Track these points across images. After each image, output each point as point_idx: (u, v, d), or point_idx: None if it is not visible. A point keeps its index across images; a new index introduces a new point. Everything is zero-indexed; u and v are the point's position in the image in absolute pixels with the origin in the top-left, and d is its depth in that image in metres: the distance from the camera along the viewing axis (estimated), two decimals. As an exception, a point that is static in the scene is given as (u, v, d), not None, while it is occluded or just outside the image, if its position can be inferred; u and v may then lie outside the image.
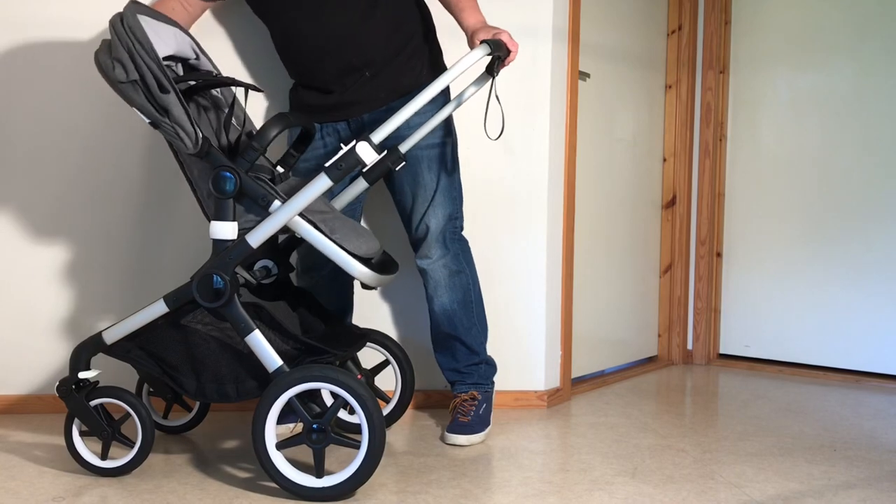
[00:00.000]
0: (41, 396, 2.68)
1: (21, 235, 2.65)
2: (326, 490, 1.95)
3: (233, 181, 1.98)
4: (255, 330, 2.00)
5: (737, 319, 3.58)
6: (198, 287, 2.01)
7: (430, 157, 2.40)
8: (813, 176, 3.39)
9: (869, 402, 3.00)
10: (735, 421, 2.72)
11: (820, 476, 2.20)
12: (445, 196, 2.43)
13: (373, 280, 2.02)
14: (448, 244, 2.45)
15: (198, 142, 1.96)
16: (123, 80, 1.95)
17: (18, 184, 2.65)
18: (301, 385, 1.95)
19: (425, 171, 2.40)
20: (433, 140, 2.38)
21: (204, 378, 2.07)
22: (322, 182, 1.97)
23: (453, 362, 2.53)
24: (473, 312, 2.52)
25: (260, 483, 2.09)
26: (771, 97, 3.48)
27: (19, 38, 2.61)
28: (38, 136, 2.64)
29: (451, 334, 2.50)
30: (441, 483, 2.11)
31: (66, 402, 2.11)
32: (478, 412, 2.47)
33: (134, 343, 2.11)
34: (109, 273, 2.68)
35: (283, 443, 1.98)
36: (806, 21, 3.39)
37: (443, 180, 2.42)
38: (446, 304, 2.48)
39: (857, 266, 3.29)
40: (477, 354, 2.53)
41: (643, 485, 2.12)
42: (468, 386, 2.53)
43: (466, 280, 2.49)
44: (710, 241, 3.58)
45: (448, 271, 2.46)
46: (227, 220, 2.01)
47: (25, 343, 2.67)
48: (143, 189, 2.68)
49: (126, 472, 2.12)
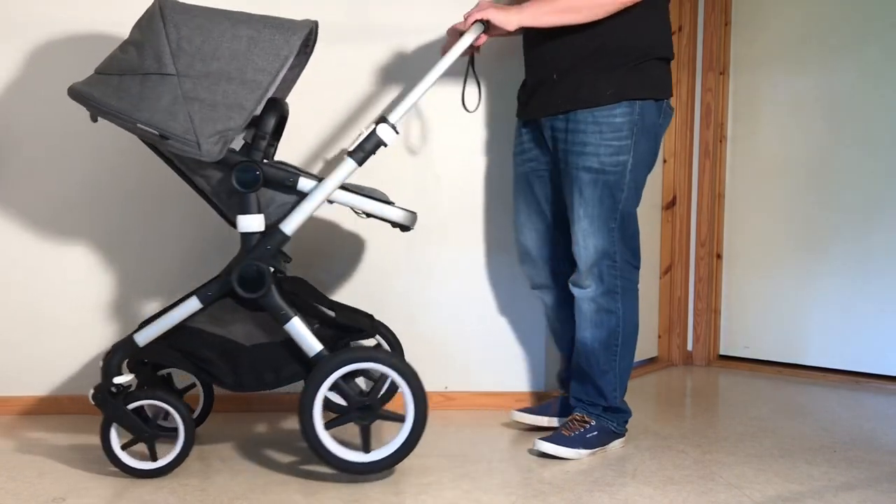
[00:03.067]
0: (42, 398, 2.68)
1: (24, 237, 2.65)
2: (375, 463, 2.07)
3: (255, 174, 2.02)
4: (294, 317, 2.07)
5: (737, 320, 3.58)
6: (239, 279, 2.06)
7: (590, 180, 2.27)
8: (813, 177, 3.39)
9: (869, 404, 3.00)
10: (735, 422, 2.72)
11: (820, 477, 2.20)
12: (599, 227, 2.29)
13: (410, 219, 2.12)
14: (603, 278, 2.31)
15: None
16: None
17: (22, 187, 2.65)
18: (349, 366, 2.04)
19: (582, 193, 2.28)
20: (591, 163, 2.26)
21: (240, 369, 2.10)
22: (347, 165, 2.06)
23: (581, 392, 2.41)
24: (616, 357, 2.37)
25: (259, 484, 2.10)
26: (771, 98, 3.48)
27: (22, 41, 2.61)
28: (41, 140, 2.65)
29: (586, 370, 2.39)
30: (441, 484, 2.11)
31: (103, 409, 2.09)
32: (583, 434, 2.34)
33: (165, 343, 2.12)
34: (113, 274, 2.68)
35: (331, 423, 2.07)
36: (806, 22, 3.39)
37: (597, 209, 2.28)
38: (587, 339, 2.36)
39: (856, 267, 3.29)
40: (604, 399, 2.38)
41: (644, 486, 2.12)
42: (586, 413, 2.39)
43: (615, 322, 2.34)
44: (710, 243, 3.58)
45: (595, 306, 2.34)
46: (252, 213, 2.06)
47: (28, 344, 2.67)
48: (147, 191, 2.68)
49: (168, 472, 2.12)
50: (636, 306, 2.39)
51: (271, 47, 1.96)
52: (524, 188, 2.47)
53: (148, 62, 1.95)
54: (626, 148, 2.25)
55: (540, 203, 2.45)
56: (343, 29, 2.65)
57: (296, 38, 1.98)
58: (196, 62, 1.94)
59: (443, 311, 2.77)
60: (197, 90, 1.94)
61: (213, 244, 2.66)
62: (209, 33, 1.95)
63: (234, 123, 1.96)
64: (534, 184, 2.44)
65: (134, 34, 2.01)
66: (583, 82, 2.25)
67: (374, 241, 2.73)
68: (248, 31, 1.96)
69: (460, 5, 2.44)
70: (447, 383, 2.78)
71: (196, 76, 1.95)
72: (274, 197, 2.07)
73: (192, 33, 1.95)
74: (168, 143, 1.96)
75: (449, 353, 2.77)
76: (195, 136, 1.94)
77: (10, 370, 2.67)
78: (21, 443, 2.40)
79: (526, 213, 2.48)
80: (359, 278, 2.75)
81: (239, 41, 1.95)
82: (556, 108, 2.30)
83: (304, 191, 2.07)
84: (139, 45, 1.97)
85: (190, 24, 1.95)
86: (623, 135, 2.24)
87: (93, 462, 2.21)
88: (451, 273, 2.76)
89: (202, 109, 1.95)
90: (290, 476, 2.16)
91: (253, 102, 1.97)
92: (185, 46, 1.94)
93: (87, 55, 2.60)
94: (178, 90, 1.94)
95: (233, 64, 1.95)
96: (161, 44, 1.94)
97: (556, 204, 2.43)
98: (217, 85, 1.95)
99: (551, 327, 2.60)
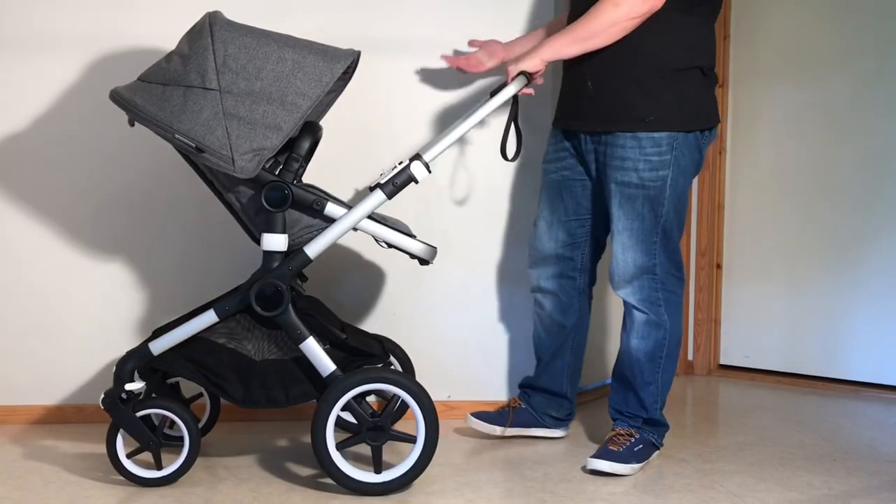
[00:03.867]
0: (48, 407, 2.69)
1: (32, 248, 2.66)
2: (386, 484, 2.07)
3: (284, 193, 2.04)
4: (309, 336, 2.09)
5: (737, 330, 3.60)
6: (257, 296, 2.07)
7: (630, 195, 2.27)
8: (811, 188, 3.41)
9: (868, 413, 3.01)
10: (735, 431, 2.74)
11: (820, 486, 2.22)
12: (639, 241, 2.29)
13: (431, 253, 2.14)
14: (644, 291, 2.32)
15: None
16: None
17: (29, 197, 2.67)
18: (361, 387, 2.06)
19: (621, 206, 2.29)
20: (630, 178, 2.26)
21: (251, 385, 2.11)
22: (377, 197, 2.09)
23: (621, 404, 2.41)
24: (659, 369, 2.37)
25: (264, 493, 2.11)
26: (769, 111, 3.50)
27: (28, 48, 2.63)
28: (46, 146, 2.66)
29: (629, 379, 2.39)
30: (444, 493, 2.13)
31: (112, 414, 2.11)
32: (631, 448, 2.31)
33: (178, 353, 2.13)
34: (120, 284, 2.70)
35: (343, 443, 2.08)
36: (803, 37, 3.42)
37: (637, 223, 2.29)
38: (633, 348, 2.36)
39: (855, 278, 3.31)
40: (645, 410, 2.38)
41: (645, 494, 2.13)
42: (627, 426, 2.38)
43: (663, 334, 2.35)
44: (710, 253, 3.60)
45: (645, 317, 2.34)
46: (277, 233, 2.08)
47: (35, 354, 2.68)
48: (154, 201, 2.70)
49: (173, 481, 2.13)
50: (680, 319, 2.40)
51: (314, 73, 1.99)
52: (553, 195, 2.46)
53: (192, 75, 1.98)
54: (667, 163, 2.24)
55: (567, 212, 2.45)
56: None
57: (339, 67, 2.02)
58: (240, 80, 1.98)
59: (446, 319, 2.79)
60: (237, 107, 1.98)
61: (222, 255, 2.68)
62: (255, 53, 1.98)
63: (270, 143, 1.99)
64: (563, 192, 2.44)
65: (182, 46, 2.04)
66: (620, 99, 2.24)
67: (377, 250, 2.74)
68: (294, 55, 2.00)
69: (458, 22, 2.46)
70: (450, 392, 2.79)
71: (238, 94, 1.98)
72: (300, 219, 2.10)
73: (238, 52, 1.98)
74: (203, 155, 1.99)
75: (452, 362, 2.78)
76: (230, 151, 1.97)
77: (17, 380, 2.68)
78: (27, 451, 2.41)
79: (548, 221, 2.47)
80: (363, 284, 2.77)
81: (284, 64, 1.98)
82: (593, 126, 2.30)
83: (331, 216, 2.09)
84: (185, 58, 2.00)
85: (237, 42, 1.98)
86: (663, 150, 2.24)
87: (99, 471, 2.22)
88: (455, 282, 2.78)
89: (240, 126, 1.98)
90: (296, 485, 2.17)
91: (291, 124, 2.00)
92: (231, 64, 1.97)
93: (96, 65, 2.64)
94: (219, 105, 1.97)
95: (275, 85, 1.98)
96: (207, 59, 1.98)
97: (583, 215, 2.45)
98: (257, 104, 1.98)
99: (540, 333, 2.59)
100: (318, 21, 2.64)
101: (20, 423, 2.67)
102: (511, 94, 2.23)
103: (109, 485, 2.14)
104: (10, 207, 2.66)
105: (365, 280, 2.78)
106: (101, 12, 2.63)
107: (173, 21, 2.36)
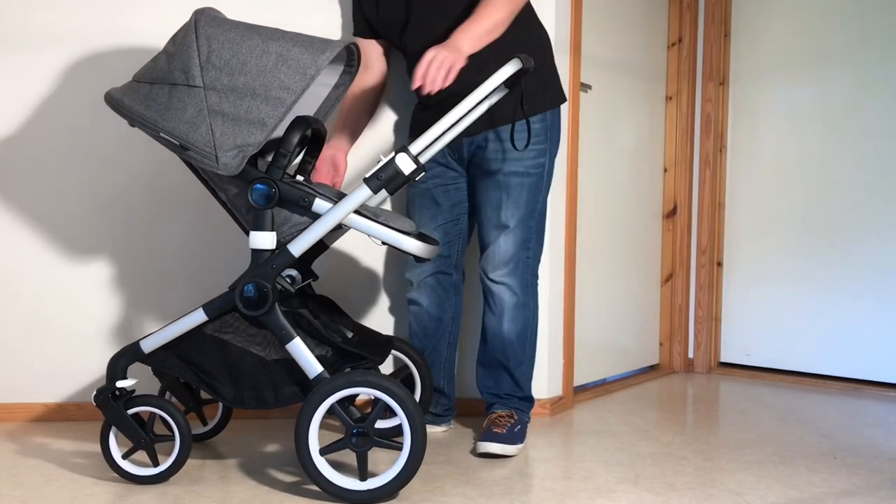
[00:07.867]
0: (48, 405, 2.70)
1: (31, 247, 2.67)
2: (371, 492, 2.00)
3: (271, 190, 2.01)
4: (296, 337, 2.04)
5: (737, 328, 3.60)
6: (241, 296, 2.04)
7: (519, 182, 2.41)
8: (812, 186, 3.41)
9: (869, 411, 3.01)
10: (736, 429, 2.74)
11: (820, 484, 2.22)
12: (522, 224, 2.44)
13: (426, 251, 2.07)
14: (520, 272, 2.46)
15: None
16: None
17: (30, 198, 2.67)
18: (345, 390, 1.99)
19: (510, 193, 2.42)
20: (517, 168, 2.41)
21: (242, 385, 2.09)
22: (362, 192, 2.00)
23: (495, 388, 2.53)
24: (527, 348, 2.52)
25: (264, 491, 2.11)
26: (770, 108, 3.50)
27: (29, 48, 2.64)
28: (47, 147, 2.67)
29: (502, 362, 2.50)
30: (444, 491, 2.13)
31: (104, 411, 2.11)
32: (513, 428, 2.43)
33: (170, 352, 2.13)
34: (118, 284, 2.70)
35: (327, 448, 2.02)
36: (804, 34, 3.42)
37: (522, 210, 2.43)
38: (505, 331, 2.48)
39: (856, 275, 3.31)
40: (520, 389, 2.52)
41: (645, 492, 2.13)
42: (506, 408, 2.50)
43: (528, 315, 2.50)
44: (711, 251, 3.60)
45: (516, 300, 2.46)
46: (265, 230, 2.05)
47: (34, 352, 2.69)
48: (152, 202, 2.70)
49: (166, 478, 2.13)
50: (538, 296, 2.56)
51: (298, 66, 1.95)
52: (427, 203, 2.53)
53: (177, 73, 1.97)
54: (544, 151, 2.43)
55: (443, 214, 2.53)
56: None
57: (324, 58, 1.95)
58: (223, 76, 1.96)
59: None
60: (221, 104, 1.96)
61: (220, 255, 2.68)
62: (238, 48, 1.96)
63: (254, 139, 1.97)
64: (438, 198, 2.52)
65: (169, 45, 2.04)
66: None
67: (377, 249, 2.75)
68: (278, 47, 1.96)
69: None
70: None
71: (222, 90, 1.96)
72: (290, 217, 2.05)
73: (221, 47, 1.96)
74: (188, 153, 1.98)
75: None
76: (214, 148, 1.96)
77: (17, 378, 2.68)
78: (27, 449, 2.42)
79: (427, 228, 2.51)
80: (365, 284, 2.77)
81: (267, 57, 1.95)
82: (474, 129, 2.33)
83: (319, 213, 2.04)
84: (171, 56, 2.00)
85: (221, 38, 1.97)
86: (541, 139, 2.41)
87: (99, 469, 2.22)
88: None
89: (224, 123, 1.96)
90: (298, 483, 2.17)
91: (275, 119, 1.96)
92: (215, 60, 1.96)
93: (96, 64, 2.64)
94: (203, 103, 1.96)
95: (259, 80, 1.95)
96: (191, 56, 1.97)
97: (456, 213, 2.54)
98: (241, 100, 1.96)
99: (417, 332, 2.59)
100: (318, 20, 2.64)
101: (20, 420, 2.68)
102: (500, 81, 2.07)
103: (110, 482, 2.14)
104: (10, 207, 2.66)
105: (372, 279, 2.77)
106: (101, 12, 2.64)
107: (174, 20, 2.35)
